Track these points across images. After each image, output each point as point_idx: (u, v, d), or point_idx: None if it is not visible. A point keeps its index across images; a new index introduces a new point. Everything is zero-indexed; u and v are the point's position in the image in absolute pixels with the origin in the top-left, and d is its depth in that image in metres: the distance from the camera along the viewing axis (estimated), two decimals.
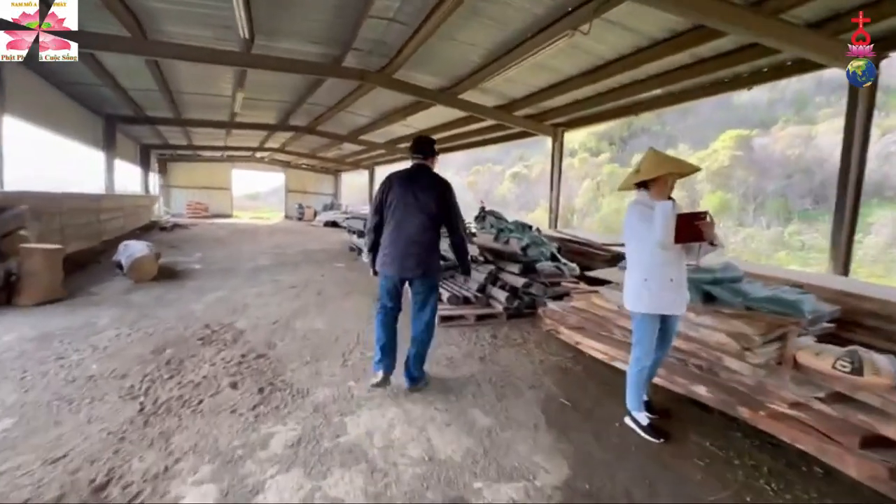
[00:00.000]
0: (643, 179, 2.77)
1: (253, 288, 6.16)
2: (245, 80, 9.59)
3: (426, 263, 3.01)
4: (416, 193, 2.99)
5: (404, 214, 2.98)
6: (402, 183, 3.05)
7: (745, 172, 13.81)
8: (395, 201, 3.02)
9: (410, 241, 2.96)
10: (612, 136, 31.39)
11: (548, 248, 5.68)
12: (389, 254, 3.02)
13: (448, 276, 5.92)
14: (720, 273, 3.27)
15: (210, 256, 9.08)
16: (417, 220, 2.96)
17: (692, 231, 2.60)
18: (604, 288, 4.28)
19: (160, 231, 13.79)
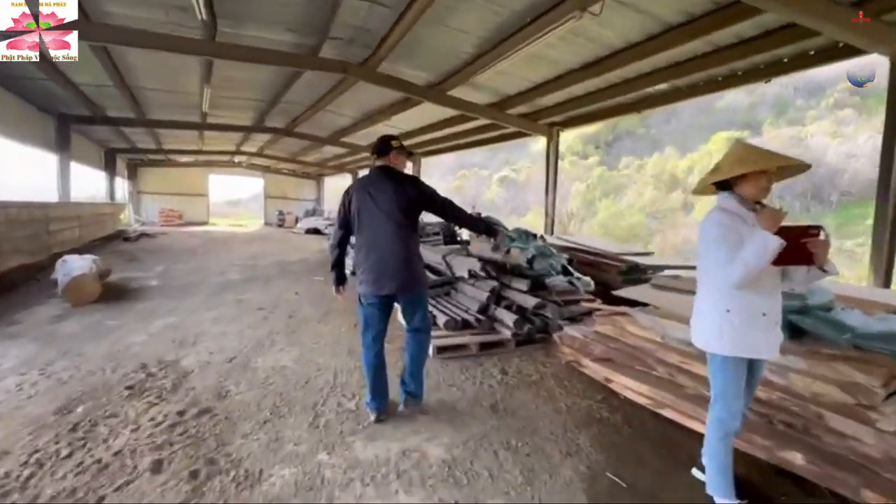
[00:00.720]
0: (723, 178, 1.99)
1: (213, 310, 5.20)
2: (212, 75, 8.62)
3: (405, 276, 2.66)
4: (376, 200, 2.64)
5: (371, 226, 2.65)
6: (362, 190, 2.70)
7: None
8: (358, 212, 2.68)
9: (385, 253, 2.62)
10: (598, 139, 31.09)
11: (557, 259, 4.89)
12: (365, 271, 2.66)
13: (443, 293, 5.08)
14: (809, 298, 2.49)
15: (172, 270, 8.04)
16: (386, 229, 2.62)
17: (799, 251, 1.83)
18: (636, 311, 3.49)
19: (123, 241, 12.60)
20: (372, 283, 2.63)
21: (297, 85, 9.34)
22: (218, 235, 15.81)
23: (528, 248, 5.17)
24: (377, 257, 2.62)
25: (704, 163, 15.23)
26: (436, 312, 4.41)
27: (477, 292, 4.60)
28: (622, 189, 13.51)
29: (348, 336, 4.35)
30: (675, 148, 23.30)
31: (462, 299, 4.80)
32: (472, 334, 4.10)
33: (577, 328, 3.89)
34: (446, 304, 4.76)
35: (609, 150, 29.96)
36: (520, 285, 4.44)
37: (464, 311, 4.52)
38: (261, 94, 10.19)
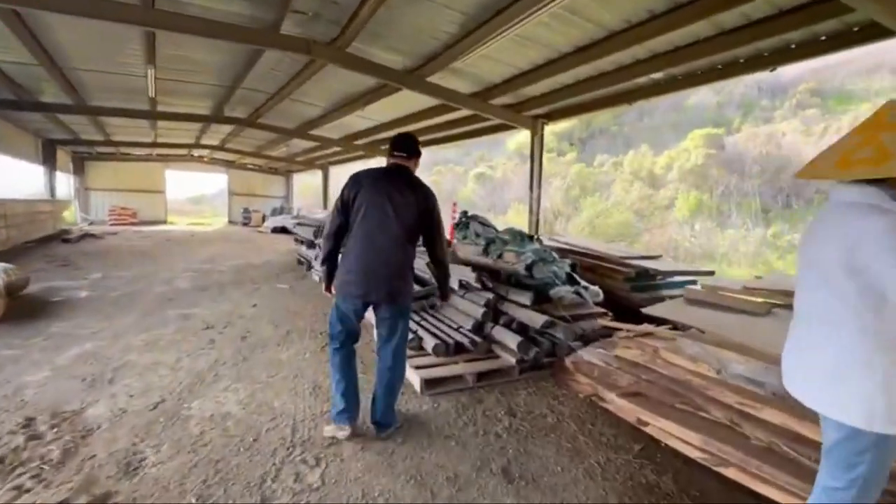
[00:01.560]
0: None
1: (147, 332, 4.23)
2: (156, 53, 7.49)
3: (399, 286, 2.46)
4: (393, 199, 2.40)
5: (377, 224, 2.38)
6: (377, 185, 2.43)
7: (719, 172, 13.23)
8: (364, 206, 2.41)
9: (382, 258, 2.39)
10: (573, 136, 30.95)
11: (560, 265, 4.19)
12: (354, 271, 2.41)
13: (428, 305, 4.29)
14: None
15: (111, 278, 6.90)
16: (392, 233, 2.39)
17: None
18: (679, 335, 2.82)
19: (62, 243, 11.16)
20: (357, 286, 2.38)
21: (258, 69, 8.31)
22: (174, 235, 14.42)
23: (525, 252, 4.45)
24: (371, 262, 2.37)
25: (682, 160, 15.04)
26: (421, 332, 3.63)
27: (470, 306, 3.85)
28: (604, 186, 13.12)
29: (314, 364, 3.51)
30: (649, 146, 23.26)
31: (452, 314, 4.04)
32: (466, 361, 3.35)
33: (593, 352, 3.20)
34: (432, 321, 3.98)
35: (583, 148, 29.86)
36: (521, 298, 3.71)
37: (455, 328, 3.76)
38: (217, 78, 9.07)
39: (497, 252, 4.90)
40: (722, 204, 12.13)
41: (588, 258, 5.09)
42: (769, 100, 28.38)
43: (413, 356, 3.40)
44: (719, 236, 10.82)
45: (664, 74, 6.66)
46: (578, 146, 29.95)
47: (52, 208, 13.70)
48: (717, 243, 10.38)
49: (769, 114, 25.55)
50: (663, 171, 15.15)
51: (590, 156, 27.31)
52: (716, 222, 11.67)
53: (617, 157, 23.93)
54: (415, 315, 4.13)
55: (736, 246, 10.08)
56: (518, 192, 18.49)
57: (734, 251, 9.94)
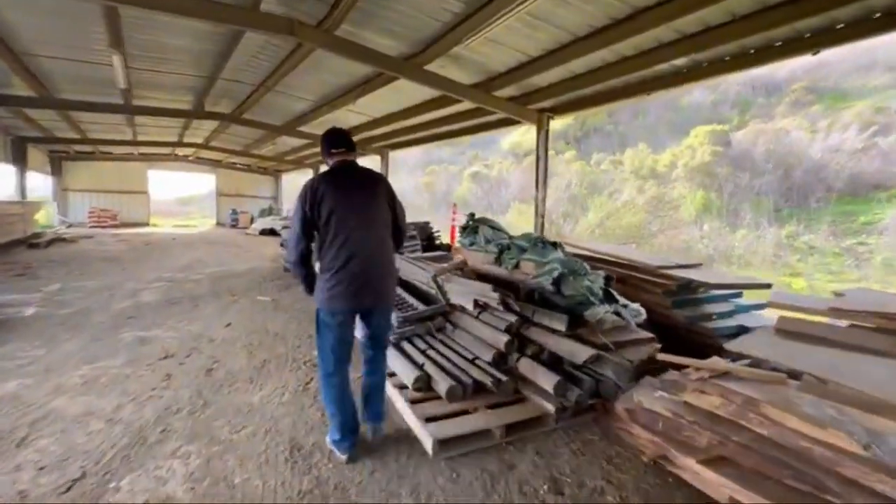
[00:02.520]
0: None
1: (87, 365, 3.41)
2: (123, 37, 6.64)
3: (389, 285, 2.34)
4: (363, 196, 2.25)
5: (354, 227, 2.17)
6: (339, 186, 2.20)
7: (727, 169, 12.64)
8: (333, 213, 2.14)
9: (371, 261, 2.20)
10: (568, 135, 30.38)
11: (594, 279, 3.46)
12: (341, 282, 2.15)
13: (436, 328, 3.52)
14: None
15: (69, 290, 6.04)
16: (374, 231, 2.24)
17: None
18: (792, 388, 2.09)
19: (28, 248, 10.21)
20: (351, 297, 2.19)
21: (239, 56, 7.49)
22: (154, 239, 13.47)
23: (547, 262, 3.71)
24: (360, 267, 2.18)
25: (687, 157, 14.42)
26: (430, 368, 2.87)
27: (487, 331, 3.10)
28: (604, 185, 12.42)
29: (293, 411, 2.73)
30: (646, 144, 22.73)
31: (464, 340, 3.28)
32: (489, 406, 2.59)
33: (653, 395, 2.46)
34: (440, 349, 3.22)
35: (578, 147, 29.31)
36: (553, 322, 2.97)
37: (470, 360, 3.00)
38: (195, 67, 8.22)
39: (512, 261, 4.15)
40: (732, 203, 11.51)
41: (616, 267, 4.37)
42: (765, 98, 28.04)
43: (420, 401, 2.65)
44: (730, 237, 10.19)
45: (689, 60, 5.98)
46: (574, 144, 29.39)
47: (23, 210, 12.67)
48: (731, 244, 9.76)
49: (766, 112, 25.15)
50: (666, 169, 14.51)
51: (586, 155, 26.75)
52: (725, 222, 11.06)
53: (614, 156, 23.36)
54: (419, 341, 3.37)
55: (752, 247, 9.47)
56: (516, 192, 17.81)
57: (750, 253, 9.31)
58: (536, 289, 3.56)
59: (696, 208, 11.48)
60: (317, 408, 2.76)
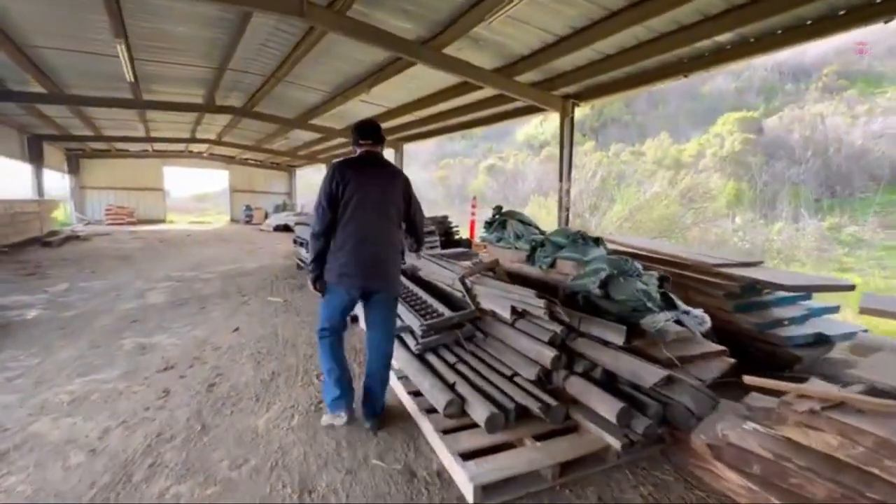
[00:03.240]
0: None
1: (80, 378, 3.06)
2: (125, 26, 6.30)
3: (393, 275, 2.47)
4: (381, 186, 2.41)
5: (368, 213, 2.34)
6: (362, 173, 2.38)
7: (759, 158, 11.85)
8: (353, 197, 2.31)
9: (378, 246, 2.37)
10: (584, 125, 29.56)
11: (647, 280, 2.97)
12: (350, 262, 2.32)
13: (465, 336, 3.08)
14: None
15: (76, 290, 5.78)
16: (385, 220, 2.40)
17: None
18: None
19: (42, 247, 10.08)
20: (358, 277, 2.33)
21: (247, 44, 7.10)
22: (169, 236, 13.31)
23: (591, 261, 3.23)
24: (367, 251, 2.33)
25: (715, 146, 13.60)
26: (463, 388, 2.43)
27: (527, 343, 2.64)
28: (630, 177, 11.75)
29: (304, 439, 2.32)
30: (668, 134, 21.81)
31: (498, 351, 2.82)
32: (535, 436, 2.15)
33: (741, 429, 1.98)
34: (473, 363, 2.77)
35: (596, 138, 28.47)
36: (608, 334, 2.49)
37: (508, 377, 2.56)
38: (202, 57, 7.86)
39: (547, 260, 3.68)
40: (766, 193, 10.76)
41: (661, 266, 3.86)
42: (793, 83, 26.76)
43: (452, 430, 2.22)
44: (766, 230, 9.49)
45: (734, 35, 5.38)
46: (590, 135, 28.56)
47: (39, 208, 12.61)
48: (768, 238, 9.06)
49: (795, 98, 23.95)
50: (692, 159, 13.74)
51: (604, 146, 25.94)
52: (759, 214, 10.33)
53: (633, 146, 22.51)
54: (446, 353, 2.93)
55: (793, 241, 8.76)
56: (534, 185, 17.21)
57: (791, 247, 8.62)
58: (580, 292, 3.09)
59: (727, 200, 10.75)
60: (331, 435, 2.35)
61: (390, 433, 2.37)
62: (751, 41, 5.45)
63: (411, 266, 4.71)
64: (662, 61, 6.31)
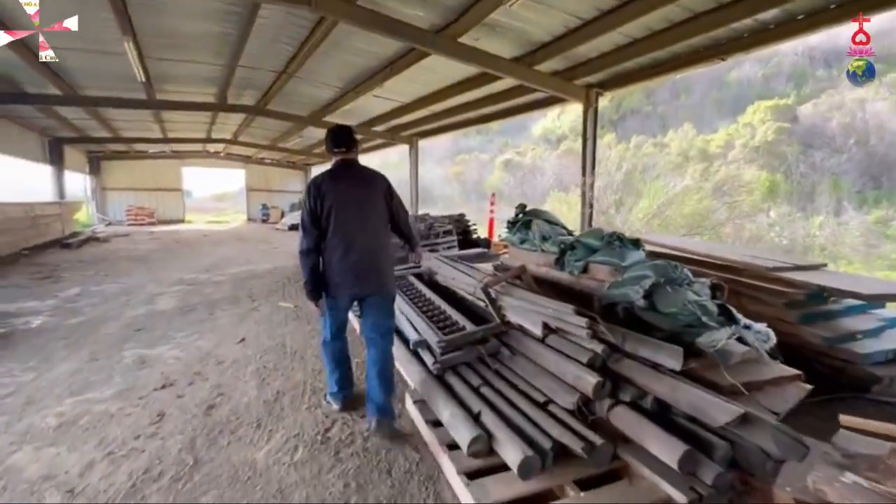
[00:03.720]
0: None
1: (72, 398, 2.82)
2: (133, 24, 6.12)
3: (386, 277, 2.50)
4: (359, 192, 2.45)
5: (350, 221, 2.39)
6: (338, 183, 2.43)
7: (794, 148, 11.09)
8: (332, 208, 2.38)
9: (364, 252, 2.41)
10: (603, 118, 28.73)
11: (698, 290, 2.57)
12: (339, 272, 2.41)
13: (488, 353, 2.73)
14: None
15: (86, 295, 5.64)
16: (368, 225, 2.44)
17: None
18: None
19: (61, 248, 10.11)
20: (350, 286, 2.43)
21: (256, 39, 6.84)
22: (185, 236, 13.31)
23: (631, 266, 2.83)
24: (357, 258, 2.40)
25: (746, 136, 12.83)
26: (489, 419, 2.09)
27: (561, 363, 2.28)
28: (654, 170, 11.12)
29: (309, 477, 2.01)
30: (692, 124, 20.90)
31: (528, 371, 2.47)
32: (578, 482, 1.79)
33: (839, 482, 1.59)
34: (500, 389, 2.42)
35: (615, 130, 27.62)
36: (659, 356, 2.12)
37: (540, 405, 2.21)
38: (211, 54, 7.64)
39: (578, 265, 3.30)
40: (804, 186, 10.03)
41: (708, 270, 3.43)
42: (825, 69, 25.42)
43: (479, 472, 1.88)
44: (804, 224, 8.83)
45: (780, 12, 4.86)
46: (608, 128, 27.72)
47: (60, 210, 12.73)
48: (809, 233, 8.41)
49: (828, 84, 22.70)
50: (721, 150, 13.01)
51: (624, 138, 25.11)
52: (796, 207, 9.64)
53: (656, 138, 21.68)
54: (468, 373, 2.59)
55: (837, 236, 8.09)
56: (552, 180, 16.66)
57: (837, 243, 7.96)
58: (620, 302, 2.70)
59: (761, 193, 10.05)
60: (338, 472, 2.04)
61: (406, 471, 2.05)
62: (798, 18, 4.92)
63: (427, 269, 4.38)
64: (695, 45, 5.80)
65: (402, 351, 2.94)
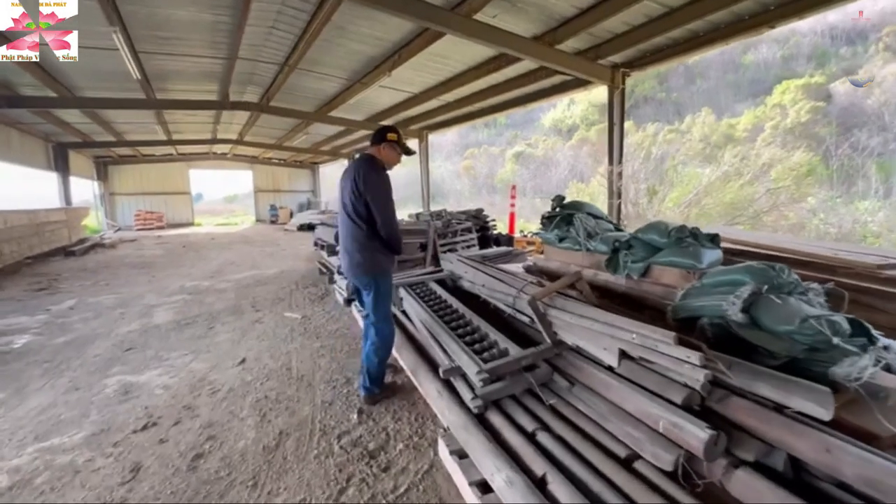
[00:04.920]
0: None
1: (36, 444, 2.32)
2: (119, 12, 5.62)
3: (358, 265, 2.56)
4: (344, 187, 2.61)
5: (341, 216, 2.66)
6: (343, 178, 2.66)
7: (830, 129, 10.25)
8: None
9: (345, 244, 2.63)
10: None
11: (814, 299, 1.98)
12: None
13: (539, 381, 2.17)
14: None
15: (81, 308, 5.19)
16: (347, 219, 2.58)
17: None
18: None
19: (66, 256, 9.76)
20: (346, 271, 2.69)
21: (253, 28, 6.30)
22: (193, 240, 12.92)
23: (718, 272, 2.24)
24: (343, 252, 2.66)
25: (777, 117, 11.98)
26: (560, 489, 1.53)
27: (647, 404, 1.72)
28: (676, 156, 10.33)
29: None
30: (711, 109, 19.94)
31: (598, 413, 1.91)
32: None
33: None
34: (559, 434, 1.86)
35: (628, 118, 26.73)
36: (792, 398, 1.54)
37: (621, 460, 1.65)
38: (208, 46, 7.10)
39: (638, 266, 2.71)
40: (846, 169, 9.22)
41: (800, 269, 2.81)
42: (848, 47, 24.18)
43: None
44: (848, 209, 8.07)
45: None
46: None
47: (66, 217, 12.41)
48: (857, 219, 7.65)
49: (853, 63, 21.53)
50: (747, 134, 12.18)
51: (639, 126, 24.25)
52: (838, 191, 8.86)
53: (673, 125, 20.80)
54: (519, 411, 2.02)
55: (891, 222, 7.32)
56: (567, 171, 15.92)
57: (891, 229, 7.18)
58: (705, 316, 2.11)
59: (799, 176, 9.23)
60: None
61: None
62: None
63: (450, 273, 3.82)
64: (740, 11, 5.15)
65: (430, 379, 2.39)
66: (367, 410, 2.52)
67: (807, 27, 26.56)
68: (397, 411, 2.50)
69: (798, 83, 13.20)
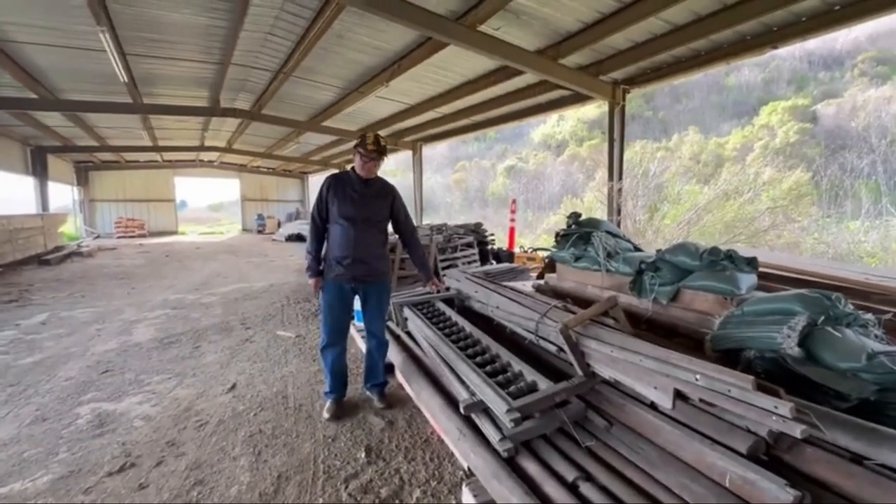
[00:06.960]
0: None
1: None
2: (108, 11, 5.35)
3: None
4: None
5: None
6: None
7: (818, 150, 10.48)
8: None
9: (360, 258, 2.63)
10: (602, 124, 28.27)
11: (870, 331, 1.83)
12: None
13: (573, 420, 1.96)
14: None
15: (52, 323, 4.80)
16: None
17: None
18: None
19: (39, 265, 9.23)
20: None
21: (249, 33, 6.09)
22: (177, 249, 12.43)
23: (760, 300, 2.07)
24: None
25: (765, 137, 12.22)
26: None
27: (703, 449, 1.51)
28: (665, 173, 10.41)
29: None
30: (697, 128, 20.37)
31: (645, 460, 1.70)
32: None
33: None
34: (604, 485, 1.65)
35: None
36: (881, 450, 1.35)
37: None
38: (201, 51, 6.85)
39: (665, 290, 2.54)
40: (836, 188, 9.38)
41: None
42: (826, 71, 25.12)
43: None
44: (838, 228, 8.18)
45: None
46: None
47: (42, 224, 11.83)
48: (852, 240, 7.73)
49: (830, 87, 22.33)
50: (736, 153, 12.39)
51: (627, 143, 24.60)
52: (828, 212, 8.99)
53: (660, 143, 21.21)
54: (553, 454, 1.79)
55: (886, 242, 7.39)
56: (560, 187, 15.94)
57: (886, 249, 7.25)
58: (753, 349, 1.94)
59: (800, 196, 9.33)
60: None
61: None
62: None
63: (457, 291, 3.60)
64: (744, 31, 5.17)
65: (448, 415, 2.15)
66: (377, 448, 2.26)
67: (786, 52, 27.57)
68: (409, 449, 2.25)
69: (785, 105, 13.55)
